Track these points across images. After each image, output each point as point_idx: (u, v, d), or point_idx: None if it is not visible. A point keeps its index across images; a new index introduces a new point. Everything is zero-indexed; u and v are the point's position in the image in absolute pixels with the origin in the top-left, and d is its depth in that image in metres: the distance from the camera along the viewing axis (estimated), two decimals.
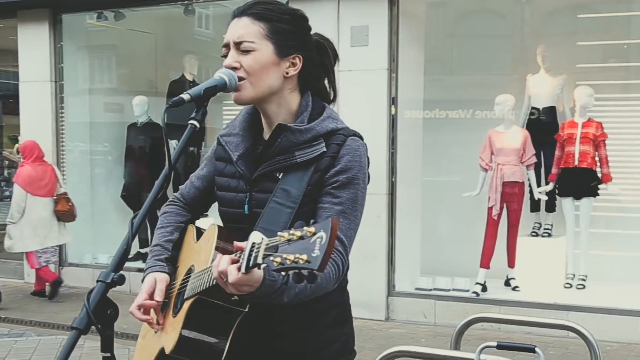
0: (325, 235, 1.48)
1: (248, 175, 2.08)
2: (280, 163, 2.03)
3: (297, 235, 1.51)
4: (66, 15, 9.84)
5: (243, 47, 2.01)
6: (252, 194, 2.07)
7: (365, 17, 7.76)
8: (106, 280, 1.76)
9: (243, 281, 1.70)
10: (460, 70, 9.57)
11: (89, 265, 9.64)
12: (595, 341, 3.70)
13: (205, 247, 2.04)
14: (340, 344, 2.17)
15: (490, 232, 7.86)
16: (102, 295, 1.74)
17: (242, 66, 2.01)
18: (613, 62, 8.89)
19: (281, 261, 1.51)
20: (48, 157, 9.54)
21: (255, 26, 2.02)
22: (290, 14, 2.07)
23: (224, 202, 2.15)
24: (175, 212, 2.30)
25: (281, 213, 2.00)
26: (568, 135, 7.82)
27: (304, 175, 2.01)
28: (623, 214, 8.34)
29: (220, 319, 1.98)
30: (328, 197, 2.00)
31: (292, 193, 2.00)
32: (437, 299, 7.72)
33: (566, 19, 9.07)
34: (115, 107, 10.92)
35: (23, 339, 7.13)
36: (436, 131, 8.61)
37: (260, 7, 2.04)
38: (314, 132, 2.03)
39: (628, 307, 7.08)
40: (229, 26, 2.07)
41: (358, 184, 2.02)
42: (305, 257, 1.47)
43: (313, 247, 1.48)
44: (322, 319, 2.12)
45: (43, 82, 9.66)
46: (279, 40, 2.03)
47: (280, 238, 1.54)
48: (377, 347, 6.74)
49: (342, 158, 2.01)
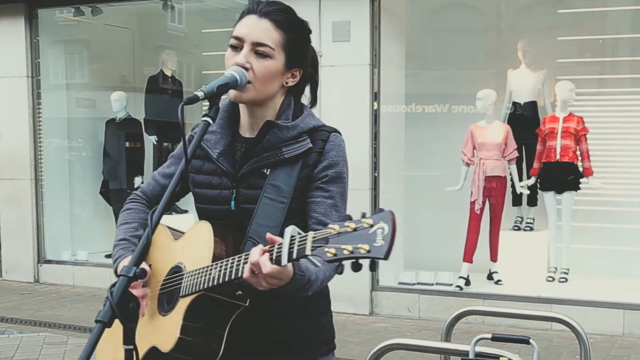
0: (387, 226, 1.54)
1: (232, 172, 2.10)
2: (268, 159, 2.07)
3: (351, 227, 1.57)
4: (42, 10, 9.71)
5: (261, 51, 2.03)
6: (239, 190, 2.09)
7: (347, 12, 7.75)
8: (128, 274, 1.76)
9: (276, 273, 1.74)
10: (442, 65, 9.59)
11: (67, 262, 9.52)
12: (585, 334, 3.73)
13: (198, 245, 2.03)
14: (325, 333, 2.23)
15: (473, 227, 7.89)
16: (125, 289, 1.75)
17: (252, 69, 2.02)
18: (593, 57, 8.96)
19: (336, 252, 1.57)
20: (25, 153, 9.45)
21: (277, 34, 2.05)
22: (305, 27, 2.13)
23: (206, 200, 2.15)
24: (139, 209, 2.29)
25: (274, 209, 2.03)
26: (549, 130, 7.87)
27: (292, 171, 2.06)
28: (604, 207, 8.42)
29: (220, 313, 2.00)
30: (319, 191, 2.07)
31: (283, 189, 2.04)
32: (421, 293, 7.73)
33: (546, 13, 9.12)
34: (92, 103, 10.82)
35: (5, 336, 7.04)
36: (418, 126, 8.62)
37: (282, 14, 2.06)
38: (299, 129, 2.09)
39: (610, 299, 7.14)
40: (243, 18, 2.07)
41: (344, 177, 2.10)
42: (368, 247, 1.53)
43: (374, 237, 1.54)
44: (309, 309, 2.16)
45: (19, 77, 9.53)
46: (291, 53, 2.07)
47: (331, 230, 1.59)
48: (362, 341, 6.75)
49: (329, 153, 2.08)
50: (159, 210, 1.84)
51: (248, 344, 2.10)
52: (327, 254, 1.58)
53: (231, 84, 1.98)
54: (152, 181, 2.33)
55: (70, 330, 7.23)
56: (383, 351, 3.58)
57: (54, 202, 9.83)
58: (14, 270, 9.63)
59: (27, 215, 9.52)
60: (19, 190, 9.53)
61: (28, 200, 9.49)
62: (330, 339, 2.25)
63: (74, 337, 6.97)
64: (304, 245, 1.64)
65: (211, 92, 1.93)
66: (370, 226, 1.55)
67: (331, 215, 2.05)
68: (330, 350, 2.24)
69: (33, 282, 9.46)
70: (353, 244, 1.55)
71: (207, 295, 1.95)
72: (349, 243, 1.56)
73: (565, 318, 3.78)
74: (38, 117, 9.63)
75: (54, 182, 9.84)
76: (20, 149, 9.50)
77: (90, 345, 1.67)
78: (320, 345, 2.21)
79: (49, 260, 9.63)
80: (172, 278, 2.06)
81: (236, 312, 2.00)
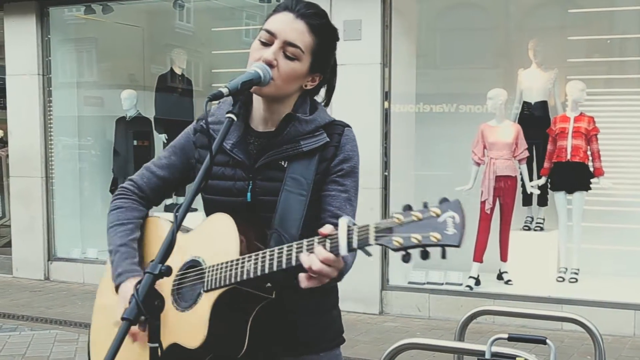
0: (457, 215, 1.57)
1: (248, 163, 2.10)
2: (287, 151, 2.07)
3: (417, 217, 1.60)
4: (53, 8, 9.74)
5: (291, 52, 2.03)
6: (256, 182, 2.08)
7: (358, 11, 7.76)
8: (154, 272, 1.76)
9: (335, 263, 1.76)
10: (451, 65, 9.59)
11: (77, 259, 9.56)
12: (600, 334, 3.72)
13: (219, 238, 2.01)
14: (336, 326, 2.24)
15: (483, 227, 7.88)
16: (150, 286, 1.75)
17: (278, 66, 2.02)
18: (603, 57, 8.95)
19: (403, 241, 1.59)
20: (36, 150, 9.48)
21: (309, 38, 2.05)
22: (335, 35, 2.13)
23: (218, 191, 2.12)
24: (131, 207, 2.23)
25: (295, 201, 2.04)
26: (560, 130, 7.85)
27: (309, 164, 2.06)
28: (615, 207, 8.40)
29: (245, 307, 1.98)
30: (334, 185, 2.08)
31: (302, 182, 2.05)
32: (430, 293, 7.73)
33: (557, 13, 9.11)
34: (100, 101, 10.84)
35: (16, 333, 7.07)
36: (428, 125, 8.63)
37: (318, 19, 2.06)
38: (317, 123, 2.11)
39: (621, 300, 7.13)
40: (279, 13, 2.06)
41: (357, 172, 2.13)
42: (439, 236, 1.56)
43: (444, 226, 1.57)
44: (324, 302, 2.19)
45: (31, 75, 9.55)
46: (317, 59, 2.08)
47: (395, 221, 1.62)
48: (372, 340, 6.76)
49: (344, 147, 2.10)
50: (183, 208, 1.81)
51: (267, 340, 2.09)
52: (393, 243, 1.60)
53: (255, 81, 1.98)
54: (146, 172, 2.25)
55: (81, 327, 7.24)
56: (398, 350, 3.59)
57: (65, 199, 9.87)
58: (24, 268, 9.66)
59: (38, 212, 9.55)
60: (29, 188, 9.57)
61: (39, 198, 9.52)
62: (341, 331, 2.26)
63: (85, 335, 6.95)
64: (365, 235, 1.65)
65: (235, 89, 1.93)
66: (437, 215, 1.58)
67: (345, 209, 2.06)
68: (340, 343, 2.25)
69: (43, 280, 9.50)
70: (422, 233, 1.57)
71: (235, 288, 1.93)
72: (416, 232, 1.58)
73: (580, 319, 3.78)
74: (49, 115, 9.66)
75: (64, 180, 9.88)
76: (31, 146, 9.53)
77: (117, 343, 1.67)
78: (334, 337, 2.22)
79: (59, 257, 9.67)
80: (188, 273, 2.04)
81: (260, 305, 1.99)
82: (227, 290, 1.93)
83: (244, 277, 1.89)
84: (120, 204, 2.23)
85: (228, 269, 1.93)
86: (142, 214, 2.24)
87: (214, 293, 1.95)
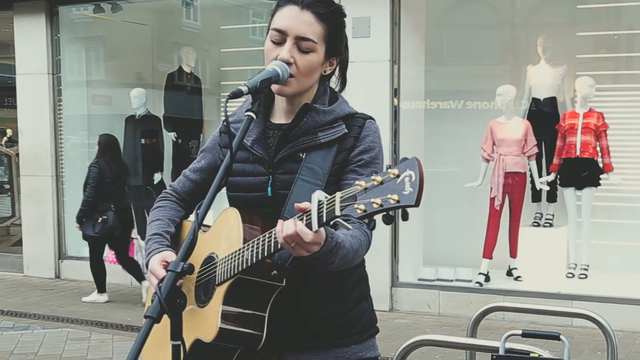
0: (414, 173, 1.51)
1: (267, 158, 2.11)
2: (305, 143, 2.08)
3: (377, 181, 1.56)
4: (63, 7, 9.77)
5: (305, 46, 2.04)
6: (276, 176, 2.09)
7: (367, 8, 7.77)
8: (176, 270, 1.77)
9: (314, 239, 1.74)
10: (460, 61, 9.58)
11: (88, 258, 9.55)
12: (613, 330, 3.72)
13: (227, 231, 2.04)
14: (366, 317, 2.21)
15: (493, 223, 7.89)
16: (172, 284, 1.76)
17: (295, 63, 2.03)
18: (612, 53, 8.93)
19: (365, 207, 1.55)
20: (46, 149, 9.51)
21: (319, 27, 2.05)
22: (342, 14, 2.12)
23: (239, 187, 2.14)
24: (169, 207, 2.29)
25: (310, 190, 1.97)
26: (569, 126, 7.85)
27: (327, 155, 2.07)
28: (624, 203, 8.38)
29: (258, 297, 2.00)
30: (352, 174, 2.06)
31: (318, 172, 2.05)
32: (440, 289, 7.75)
33: (565, 8, 9.09)
34: (108, 100, 10.87)
35: (29, 331, 7.11)
36: (437, 122, 8.63)
37: (324, 7, 2.06)
38: (335, 114, 2.11)
39: (631, 296, 7.14)
40: (283, 8, 2.06)
41: (378, 162, 2.10)
42: (397, 197, 1.52)
43: (402, 186, 1.52)
44: (351, 295, 2.17)
45: (41, 74, 9.59)
46: (331, 45, 2.09)
47: (358, 187, 1.59)
48: (383, 337, 6.71)
49: (365, 138, 2.10)
50: (204, 206, 1.84)
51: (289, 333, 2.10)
52: (357, 211, 1.56)
53: (273, 79, 1.99)
54: (182, 178, 2.32)
55: (93, 326, 7.28)
56: (412, 347, 3.59)
57: (75, 198, 9.86)
58: (35, 266, 9.71)
59: (48, 211, 9.59)
60: (40, 187, 9.61)
61: (49, 197, 9.57)
62: (374, 322, 2.24)
63: (97, 333, 7.02)
64: (332, 207, 1.63)
65: (254, 87, 1.94)
66: (396, 176, 1.53)
67: None
68: (373, 335, 2.22)
69: (54, 278, 9.55)
70: (381, 197, 1.53)
71: (242, 279, 1.94)
72: (377, 196, 1.54)
73: (593, 315, 3.78)
74: (59, 114, 9.70)
75: (74, 178, 9.87)
76: (41, 145, 9.57)
77: (140, 341, 1.68)
78: (365, 329, 2.19)
79: (70, 256, 9.71)
80: (206, 269, 2.07)
81: (274, 294, 1.99)
82: (236, 281, 1.95)
83: (244, 265, 1.91)
84: (159, 204, 2.31)
85: (232, 260, 1.96)
86: (180, 214, 2.30)
87: (223, 286, 1.98)
